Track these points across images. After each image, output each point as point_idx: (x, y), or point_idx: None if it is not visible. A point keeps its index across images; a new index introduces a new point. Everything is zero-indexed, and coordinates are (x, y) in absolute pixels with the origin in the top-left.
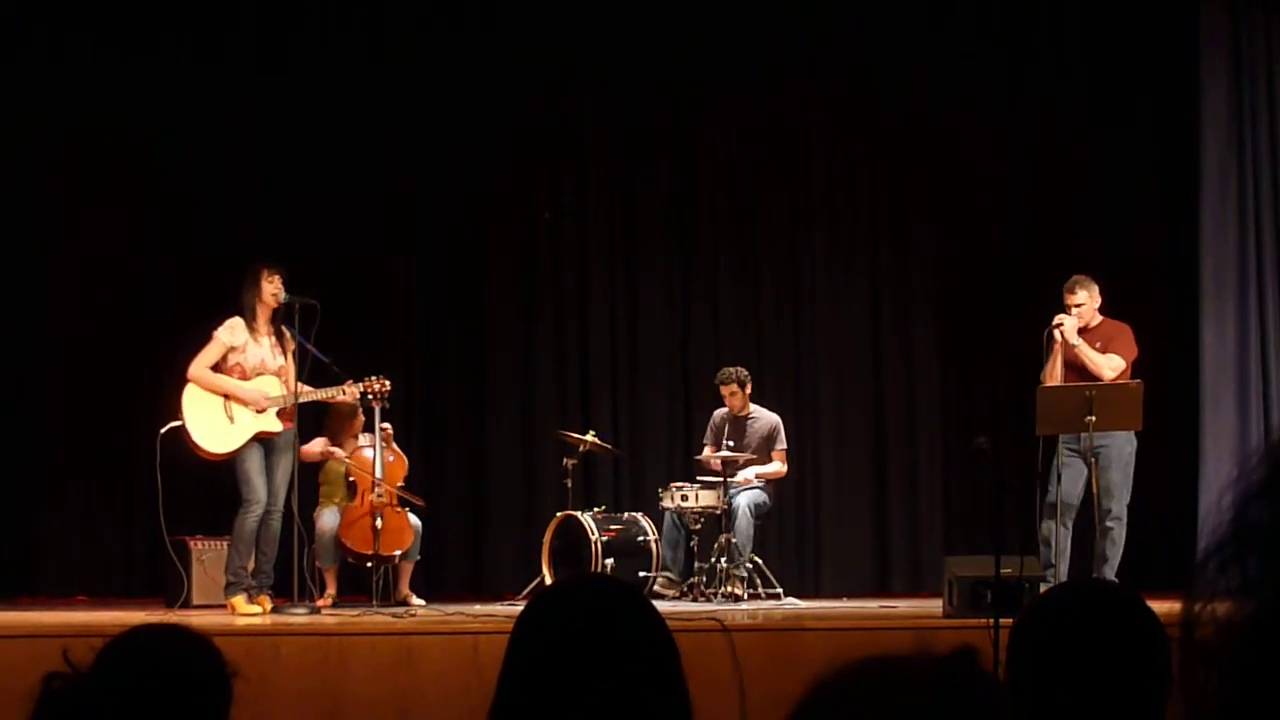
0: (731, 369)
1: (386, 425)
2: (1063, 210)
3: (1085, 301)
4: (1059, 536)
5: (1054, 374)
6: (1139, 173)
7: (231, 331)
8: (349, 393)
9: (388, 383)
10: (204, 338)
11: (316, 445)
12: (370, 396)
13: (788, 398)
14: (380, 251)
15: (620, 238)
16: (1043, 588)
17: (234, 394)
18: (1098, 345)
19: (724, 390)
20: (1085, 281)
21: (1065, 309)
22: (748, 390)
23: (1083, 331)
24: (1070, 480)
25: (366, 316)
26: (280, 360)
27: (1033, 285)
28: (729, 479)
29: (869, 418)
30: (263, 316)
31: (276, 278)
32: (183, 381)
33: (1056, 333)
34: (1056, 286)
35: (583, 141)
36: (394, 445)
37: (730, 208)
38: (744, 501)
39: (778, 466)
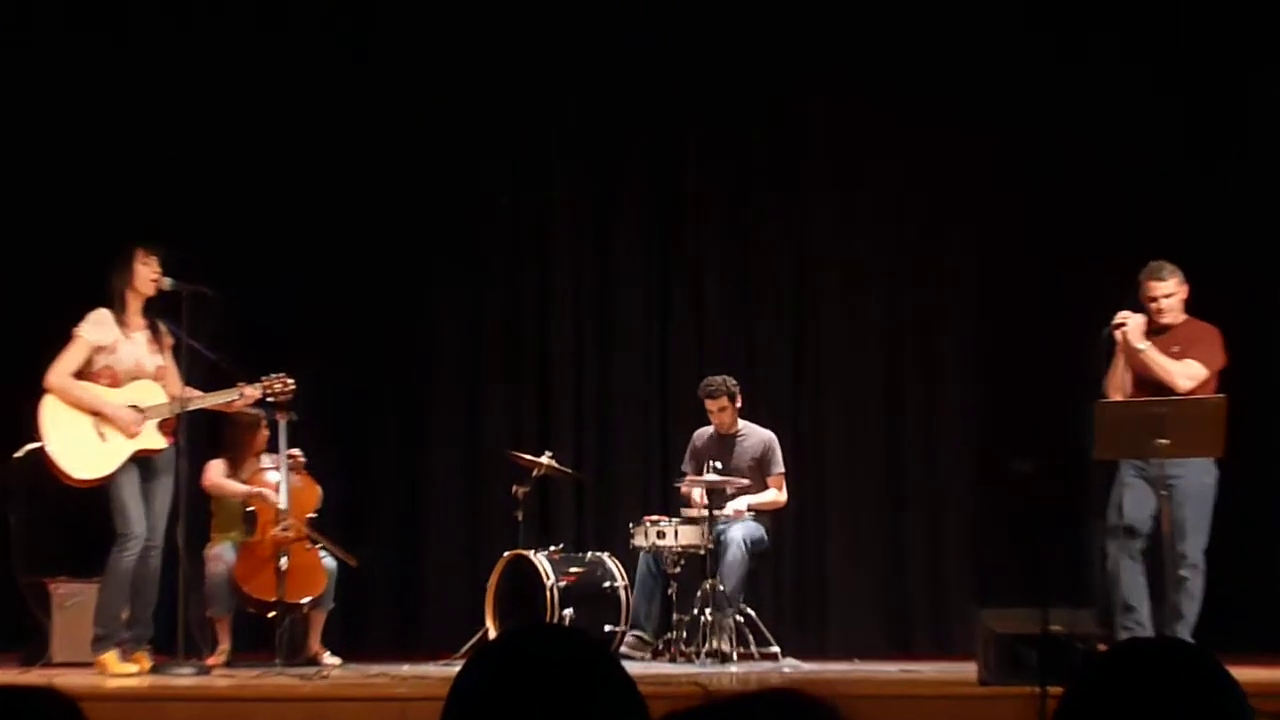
0: (718, 379)
1: (296, 451)
2: (1119, 190)
3: (1174, 291)
4: (1129, 572)
5: (1116, 384)
6: (1208, 150)
7: (97, 327)
8: (247, 395)
9: (291, 382)
10: (64, 338)
11: (216, 471)
12: (270, 397)
13: (785, 416)
14: (290, 238)
15: (589, 227)
16: (1122, 636)
17: (102, 412)
18: (1175, 350)
19: (711, 405)
20: (1172, 267)
21: (1143, 302)
22: (737, 404)
23: (1159, 331)
24: (1135, 503)
25: (272, 316)
26: (158, 359)
27: (1085, 275)
28: (715, 510)
29: (883, 439)
30: (135, 307)
31: (154, 259)
32: (40, 393)
33: (1118, 334)
34: (1115, 276)
35: (547, 116)
36: (305, 472)
37: (718, 193)
38: (737, 538)
39: (774, 495)
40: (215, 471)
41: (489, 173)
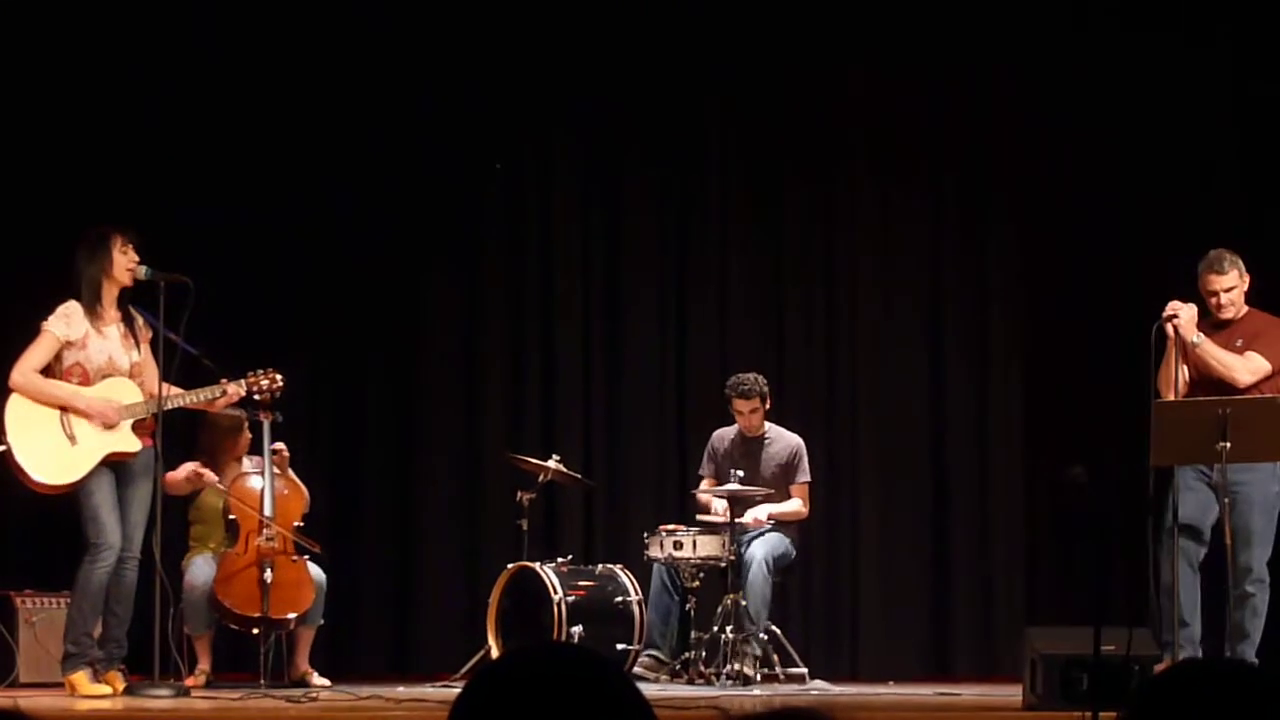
0: (750, 376)
1: (280, 446)
2: (1171, 176)
3: (1236, 284)
4: (1187, 586)
5: (1169, 382)
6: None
7: (67, 322)
8: (231, 393)
9: (279, 378)
10: (30, 332)
11: (183, 471)
12: (256, 396)
13: (817, 421)
14: (277, 226)
15: (598, 214)
16: (1178, 656)
17: (72, 405)
18: (1238, 344)
19: (741, 405)
20: (1234, 256)
21: (1203, 296)
22: (767, 406)
23: (1220, 326)
24: (1194, 505)
25: (258, 310)
26: (134, 355)
27: (1136, 267)
28: (736, 520)
29: (923, 445)
30: (109, 298)
31: (131, 246)
32: (4, 391)
33: (1169, 327)
34: (1170, 266)
35: (550, 92)
36: (290, 473)
37: (744, 179)
38: (761, 552)
39: (797, 505)
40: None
41: (487, 156)
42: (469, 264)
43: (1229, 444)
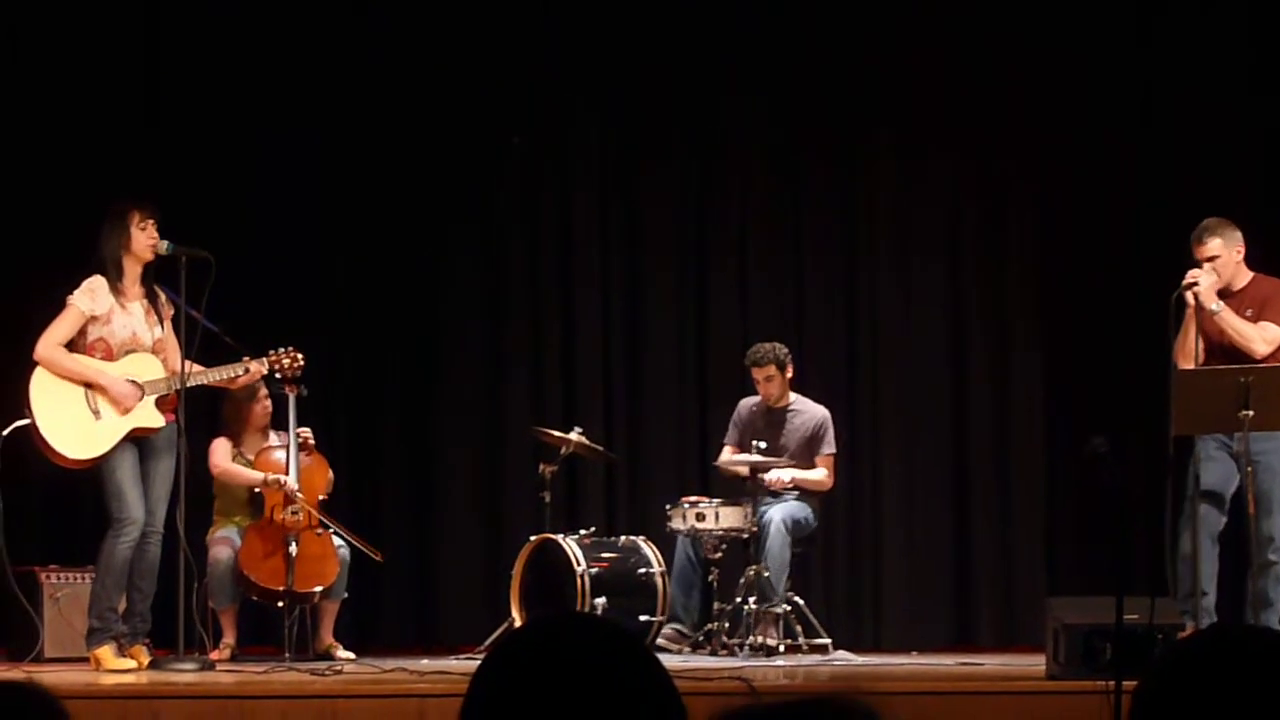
0: (768, 345)
1: (306, 432)
2: (1202, 139)
3: (1220, 253)
4: (1204, 550)
5: (1187, 352)
6: None
7: (91, 296)
8: (252, 371)
9: (300, 356)
10: (56, 305)
11: (223, 454)
12: (278, 373)
13: (839, 391)
14: (297, 202)
15: (617, 185)
16: (1188, 627)
17: (95, 382)
18: (1248, 312)
19: (758, 374)
20: (1219, 225)
21: (1198, 265)
22: (788, 374)
23: (1226, 294)
24: (1216, 474)
25: (277, 286)
26: (157, 331)
27: (1166, 239)
28: (758, 485)
29: (946, 416)
30: (131, 274)
31: (150, 222)
32: (29, 365)
33: (1188, 295)
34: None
35: (567, 61)
36: (316, 453)
37: (765, 149)
38: (778, 516)
39: (822, 475)
40: (222, 454)
41: (505, 129)
42: (488, 238)
43: (1251, 412)
